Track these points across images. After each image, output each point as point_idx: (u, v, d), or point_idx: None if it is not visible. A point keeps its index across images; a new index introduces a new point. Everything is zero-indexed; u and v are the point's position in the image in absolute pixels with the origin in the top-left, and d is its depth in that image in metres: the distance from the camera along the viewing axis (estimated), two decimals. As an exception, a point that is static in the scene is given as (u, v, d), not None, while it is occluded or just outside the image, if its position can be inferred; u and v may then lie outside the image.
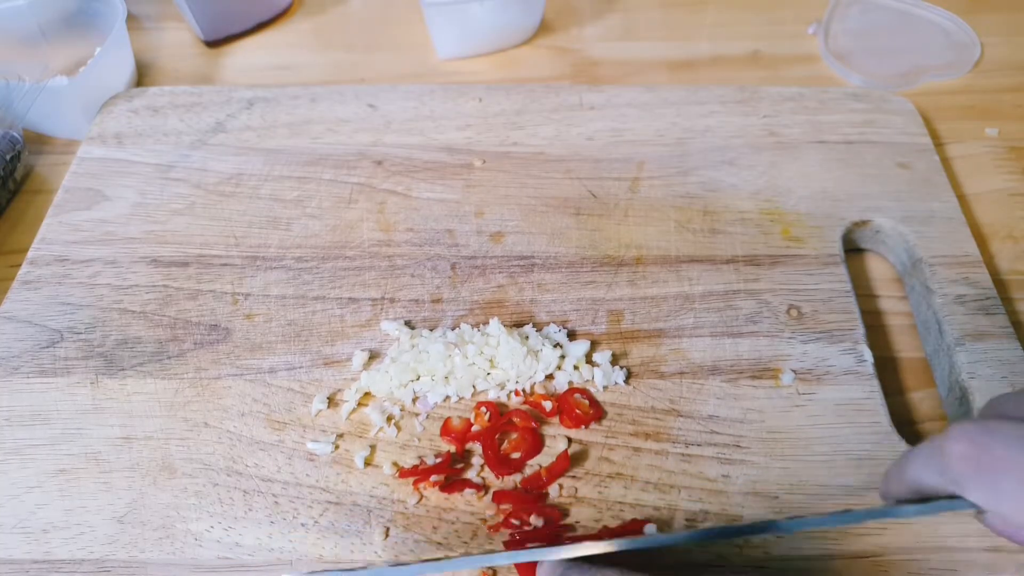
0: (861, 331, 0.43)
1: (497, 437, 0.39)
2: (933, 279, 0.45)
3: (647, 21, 0.67)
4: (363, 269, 0.47)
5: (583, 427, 0.40)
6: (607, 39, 0.66)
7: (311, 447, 0.39)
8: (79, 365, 0.42)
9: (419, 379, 0.41)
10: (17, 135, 0.54)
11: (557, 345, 0.42)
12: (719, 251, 0.47)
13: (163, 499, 0.38)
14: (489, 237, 0.48)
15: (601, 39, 0.66)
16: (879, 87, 0.59)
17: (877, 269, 0.49)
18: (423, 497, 0.37)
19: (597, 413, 0.40)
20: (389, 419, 0.40)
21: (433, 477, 0.37)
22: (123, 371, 0.42)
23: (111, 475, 0.38)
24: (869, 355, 0.42)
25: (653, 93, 0.57)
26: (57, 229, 0.49)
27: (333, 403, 0.41)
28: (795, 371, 0.41)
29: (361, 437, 0.40)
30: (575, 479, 0.38)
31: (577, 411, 0.39)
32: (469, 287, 0.46)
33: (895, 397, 0.42)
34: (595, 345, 0.43)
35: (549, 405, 0.40)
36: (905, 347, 0.45)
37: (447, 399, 0.41)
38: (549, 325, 0.44)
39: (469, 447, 0.39)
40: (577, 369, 0.42)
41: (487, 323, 0.43)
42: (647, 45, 0.65)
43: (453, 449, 0.39)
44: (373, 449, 0.39)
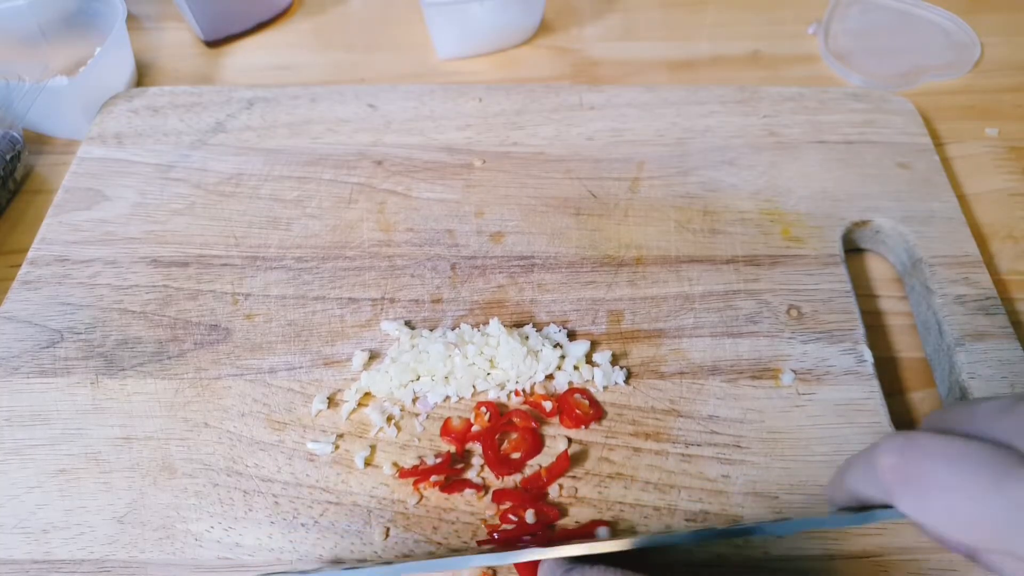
0: (861, 331, 0.43)
1: (497, 437, 0.39)
2: (933, 279, 0.45)
3: (647, 21, 0.67)
4: (363, 269, 0.47)
5: (583, 427, 0.40)
6: (607, 39, 0.66)
7: (311, 447, 0.39)
8: (79, 365, 0.42)
9: (419, 379, 0.41)
10: (17, 135, 0.54)
11: (557, 345, 0.42)
12: (719, 251, 0.47)
13: (163, 499, 0.38)
14: (489, 237, 0.48)
15: (601, 39, 0.66)
16: (879, 87, 0.59)
17: (877, 269, 0.49)
18: (423, 497, 0.37)
19: (597, 413, 0.40)
20: (389, 419, 0.40)
21: (433, 477, 0.37)
22: (123, 371, 0.42)
23: (111, 475, 0.38)
24: (869, 355, 0.42)
25: (653, 93, 0.57)
26: (57, 229, 0.49)
27: (333, 403, 0.41)
28: (795, 371, 0.41)
29: (361, 437, 0.40)
30: (575, 479, 0.38)
31: (577, 411, 0.39)
32: (469, 287, 0.46)
33: (895, 397, 0.42)
34: (595, 345, 0.43)
35: (549, 405, 0.40)
36: (905, 347, 0.45)
37: (447, 399, 0.41)
38: (549, 325, 0.44)
39: (469, 447, 0.39)
40: (577, 369, 0.42)
41: (487, 323, 0.43)
42: (647, 45, 0.65)
43: (453, 449, 0.39)
44: (373, 449, 0.39)
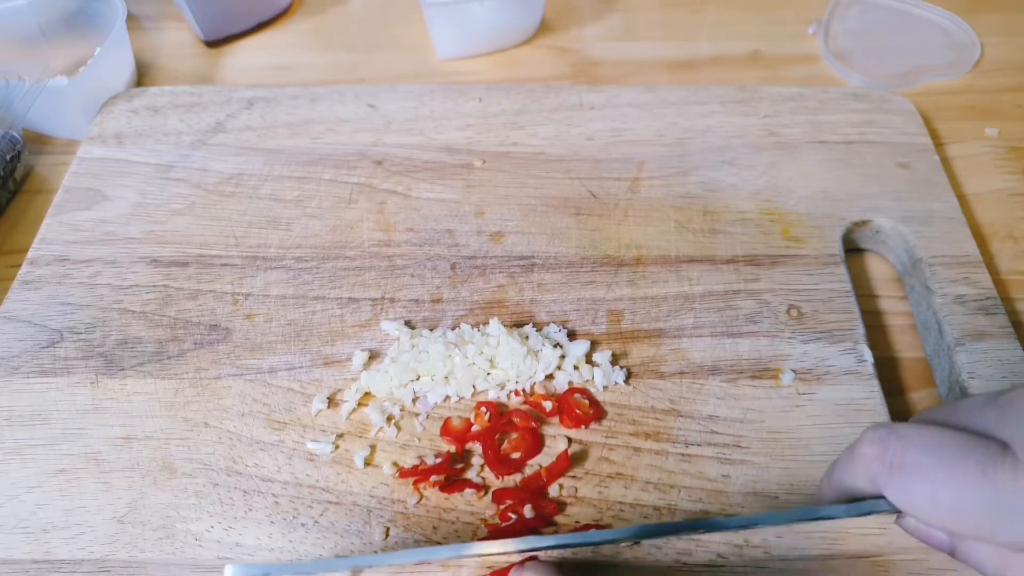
0: (861, 331, 0.43)
1: (497, 437, 0.39)
2: (933, 279, 0.45)
3: (647, 21, 0.67)
4: (363, 269, 0.47)
5: (583, 427, 0.40)
6: (607, 39, 0.66)
7: (311, 447, 0.39)
8: (79, 365, 0.42)
9: (419, 379, 0.41)
10: (17, 135, 0.54)
11: (557, 345, 0.42)
12: (719, 251, 0.47)
13: (163, 499, 0.38)
14: (489, 237, 0.48)
15: (601, 39, 0.66)
16: (879, 87, 0.59)
17: (877, 269, 0.49)
18: (423, 497, 0.37)
19: (597, 413, 0.40)
20: (389, 419, 0.40)
21: (433, 477, 0.37)
22: (123, 371, 0.42)
23: (111, 475, 0.38)
24: (869, 355, 0.42)
25: (653, 93, 0.57)
26: (57, 229, 0.49)
27: (333, 403, 0.41)
28: (795, 371, 0.41)
29: (361, 437, 0.40)
30: (575, 479, 0.38)
31: (577, 411, 0.39)
32: (469, 287, 0.46)
33: (895, 397, 0.42)
34: (595, 345, 0.43)
35: (549, 405, 0.40)
36: (905, 347, 0.45)
37: (447, 399, 0.41)
38: (549, 325, 0.44)
39: (469, 447, 0.39)
40: (577, 369, 0.42)
41: (487, 323, 0.43)
42: (647, 45, 0.65)
43: (453, 449, 0.39)
44: (373, 449, 0.39)
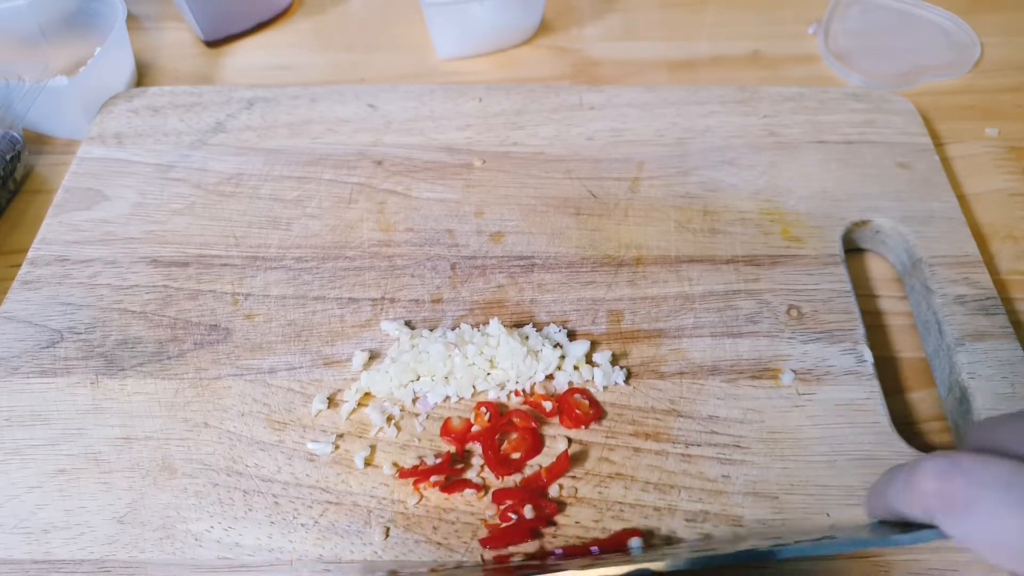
0: (861, 331, 0.43)
1: (497, 437, 0.39)
2: (933, 279, 0.45)
3: (647, 21, 0.67)
4: (363, 269, 0.47)
5: (583, 427, 0.40)
6: (607, 39, 0.66)
7: (311, 447, 0.39)
8: (79, 365, 0.42)
9: (419, 379, 0.41)
10: (17, 135, 0.54)
11: (557, 345, 0.42)
12: (719, 251, 0.47)
13: (163, 499, 0.38)
14: (489, 237, 0.48)
15: (601, 39, 0.66)
16: (879, 87, 0.59)
17: (877, 269, 0.49)
18: (423, 497, 0.37)
19: (597, 413, 0.40)
20: (389, 419, 0.40)
21: (433, 477, 0.37)
22: (123, 371, 0.42)
23: (111, 475, 0.38)
24: (869, 355, 0.42)
25: (653, 93, 0.57)
26: (57, 229, 0.49)
27: (333, 403, 0.41)
28: (795, 371, 0.41)
29: (361, 437, 0.40)
30: (575, 479, 0.38)
31: (577, 411, 0.39)
32: (469, 287, 0.46)
33: (895, 397, 0.42)
34: (595, 345, 0.43)
35: (549, 405, 0.40)
36: (905, 347, 0.45)
37: (447, 399, 0.41)
38: (549, 325, 0.44)
39: (469, 447, 0.39)
40: (577, 369, 0.42)
41: (487, 323, 0.43)
42: (647, 45, 0.65)
43: (453, 449, 0.39)
44: (373, 449, 0.39)
